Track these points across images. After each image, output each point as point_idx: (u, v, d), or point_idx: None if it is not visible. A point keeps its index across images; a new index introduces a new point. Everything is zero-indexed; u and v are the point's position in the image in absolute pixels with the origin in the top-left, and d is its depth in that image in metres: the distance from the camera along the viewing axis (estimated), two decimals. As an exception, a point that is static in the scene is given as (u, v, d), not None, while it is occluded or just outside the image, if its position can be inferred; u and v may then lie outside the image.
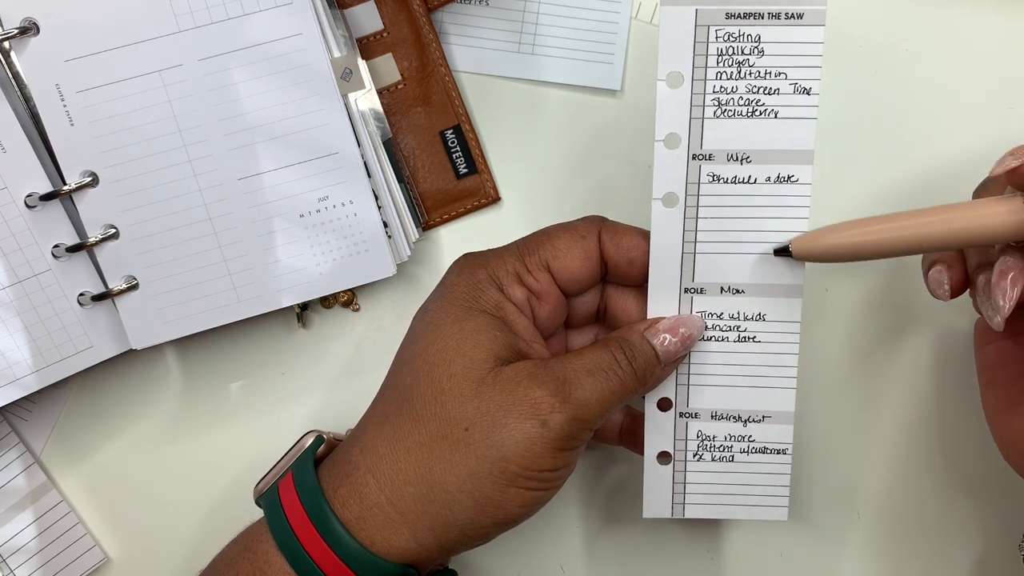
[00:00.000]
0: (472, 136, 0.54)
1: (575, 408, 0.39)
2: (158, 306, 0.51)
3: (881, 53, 0.52)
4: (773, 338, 0.44)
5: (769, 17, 0.40)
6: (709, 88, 0.41)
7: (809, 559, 0.53)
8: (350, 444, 0.42)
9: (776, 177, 0.42)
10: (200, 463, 0.54)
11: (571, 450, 0.40)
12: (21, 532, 0.53)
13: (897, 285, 0.52)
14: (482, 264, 0.43)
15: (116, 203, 0.50)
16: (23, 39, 0.48)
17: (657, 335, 0.42)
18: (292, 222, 0.51)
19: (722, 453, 0.45)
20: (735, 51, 0.41)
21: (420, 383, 0.41)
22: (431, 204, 0.54)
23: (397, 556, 0.40)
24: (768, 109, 0.41)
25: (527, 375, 0.40)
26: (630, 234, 0.44)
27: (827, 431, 0.52)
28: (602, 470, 0.53)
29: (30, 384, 0.50)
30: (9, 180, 0.49)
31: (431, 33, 0.53)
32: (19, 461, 0.53)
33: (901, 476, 0.52)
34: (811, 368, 0.52)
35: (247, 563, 0.41)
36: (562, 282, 0.43)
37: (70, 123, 0.49)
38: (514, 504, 0.40)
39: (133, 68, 0.49)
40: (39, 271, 0.50)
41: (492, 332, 0.41)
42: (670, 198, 0.42)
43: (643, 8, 0.53)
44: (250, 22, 0.49)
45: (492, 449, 0.39)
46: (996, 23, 0.52)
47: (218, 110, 0.49)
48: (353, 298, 0.53)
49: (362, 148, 0.51)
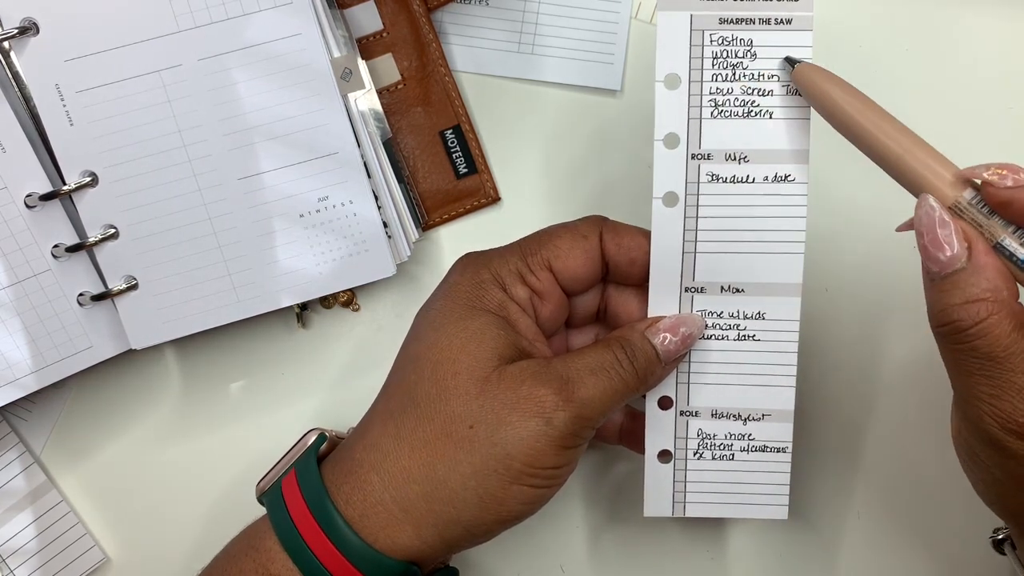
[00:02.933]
0: (472, 136, 0.54)
1: (578, 406, 0.40)
2: (158, 306, 0.51)
3: (881, 53, 0.53)
4: (773, 337, 0.44)
5: (760, 22, 0.41)
6: (706, 89, 0.42)
7: (808, 559, 0.53)
8: (353, 441, 0.42)
9: (774, 176, 0.42)
10: (200, 463, 0.54)
11: (574, 448, 0.41)
12: (21, 532, 0.53)
13: (897, 285, 0.52)
14: (485, 264, 0.43)
15: (116, 203, 0.50)
16: (23, 39, 0.48)
17: (658, 334, 0.43)
18: (292, 222, 0.51)
19: (722, 451, 0.45)
20: (729, 54, 0.42)
21: (424, 381, 0.41)
22: (431, 204, 0.54)
23: (400, 553, 0.40)
24: (763, 110, 0.42)
25: (531, 374, 0.40)
26: (631, 233, 0.44)
27: (826, 430, 0.53)
28: (603, 469, 0.53)
29: (30, 384, 0.50)
30: (9, 180, 0.49)
31: (431, 33, 0.53)
32: (19, 461, 0.53)
33: (901, 476, 0.52)
34: (810, 367, 0.52)
35: (250, 560, 0.41)
36: (564, 281, 0.44)
37: (70, 123, 0.49)
38: (517, 501, 0.40)
39: (133, 68, 0.49)
40: (39, 271, 0.50)
41: (496, 331, 0.41)
42: (670, 197, 0.43)
43: (643, 8, 0.53)
44: (250, 22, 0.49)
45: (496, 447, 0.39)
46: (996, 23, 0.52)
47: (218, 110, 0.49)
48: (353, 298, 0.53)
49: (362, 148, 0.51)
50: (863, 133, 0.38)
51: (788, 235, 0.42)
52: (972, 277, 0.35)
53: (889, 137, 0.38)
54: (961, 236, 0.36)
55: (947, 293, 0.36)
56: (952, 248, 0.36)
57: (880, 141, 0.38)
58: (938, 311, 0.36)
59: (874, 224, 0.52)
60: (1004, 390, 0.35)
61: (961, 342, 0.36)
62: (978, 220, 0.36)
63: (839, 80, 0.40)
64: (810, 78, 0.40)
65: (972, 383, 0.36)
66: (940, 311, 0.36)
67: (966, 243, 0.36)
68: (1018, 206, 0.35)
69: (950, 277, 0.36)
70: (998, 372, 0.35)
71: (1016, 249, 0.36)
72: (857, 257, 0.53)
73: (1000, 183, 0.35)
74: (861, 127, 0.38)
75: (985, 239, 0.36)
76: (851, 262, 0.53)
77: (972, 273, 0.35)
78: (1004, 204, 0.36)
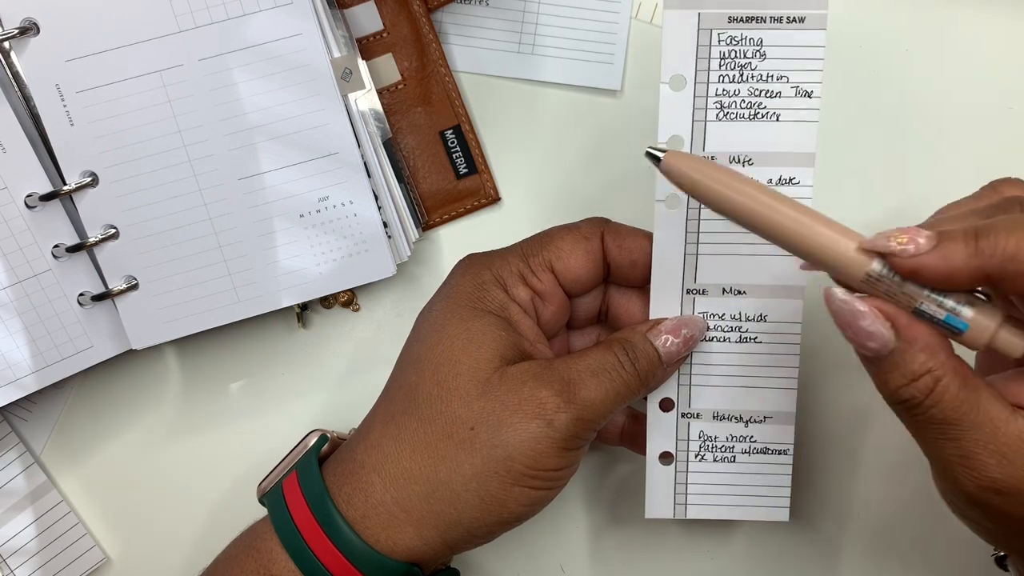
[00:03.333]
0: (472, 136, 0.54)
1: (580, 408, 0.40)
2: (158, 306, 0.51)
3: (881, 54, 0.53)
4: (774, 339, 0.44)
5: (771, 21, 0.41)
6: (712, 91, 0.41)
7: (808, 559, 0.53)
8: (355, 443, 0.42)
9: (778, 179, 0.42)
10: (200, 463, 0.54)
11: (575, 450, 0.41)
12: (21, 532, 0.53)
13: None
14: (486, 265, 0.43)
15: (116, 203, 0.50)
16: (23, 39, 0.48)
17: (659, 336, 0.43)
18: (292, 222, 0.51)
19: (724, 453, 0.45)
20: (737, 54, 0.41)
21: (426, 382, 0.41)
22: (431, 204, 0.54)
23: (402, 554, 0.40)
24: (770, 112, 0.42)
25: (532, 375, 0.40)
26: (633, 235, 0.44)
27: (827, 431, 0.53)
28: (604, 470, 0.53)
29: (30, 384, 0.50)
30: (9, 180, 0.49)
31: (431, 33, 0.53)
32: (19, 461, 0.53)
33: (901, 478, 0.52)
34: (812, 369, 0.52)
35: (251, 561, 0.41)
36: (565, 283, 0.44)
37: (70, 123, 0.49)
38: (518, 503, 0.40)
39: (133, 68, 0.49)
40: (39, 271, 0.50)
41: (497, 332, 0.41)
42: (673, 200, 0.43)
43: (643, 8, 0.53)
44: (250, 22, 0.49)
45: (497, 448, 0.39)
46: (996, 23, 0.52)
47: (218, 110, 0.49)
48: (353, 298, 0.53)
49: (362, 148, 0.51)
50: (756, 216, 0.36)
51: None
52: (907, 355, 0.35)
53: (786, 216, 0.36)
54: (882, 318, 0.35)
55: (889, 374, 0.35)
56: (878, 335, 0.35)
57: (777, 222, 0.36)
58: (888, 393, 0.36)
59: (875, 227, 0.52)
60: (969, 449, 0.35)
61: (918, 415, 0.35)
62: (891, 290, 0.35)
63: (716, 165, 0.37)
64: (681, 167, 0.37)
65: (939, 448, 0.35)
66: (889, 393, 0.36)
67: (888, 322, 0.35)
68: (928, 271, 0.34)
69: (887, 358, 0.35)
70: (959, 433, 0.35)
71: (935, 311, 0.35)
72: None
73: (903, 253, 0.34)
74: (753, 210, 0.36)
75: (904, 310, 0.35)
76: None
77: (905, 351, 0.35)
78: (914, 272, 0.34)
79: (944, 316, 0.35)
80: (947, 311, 0.35)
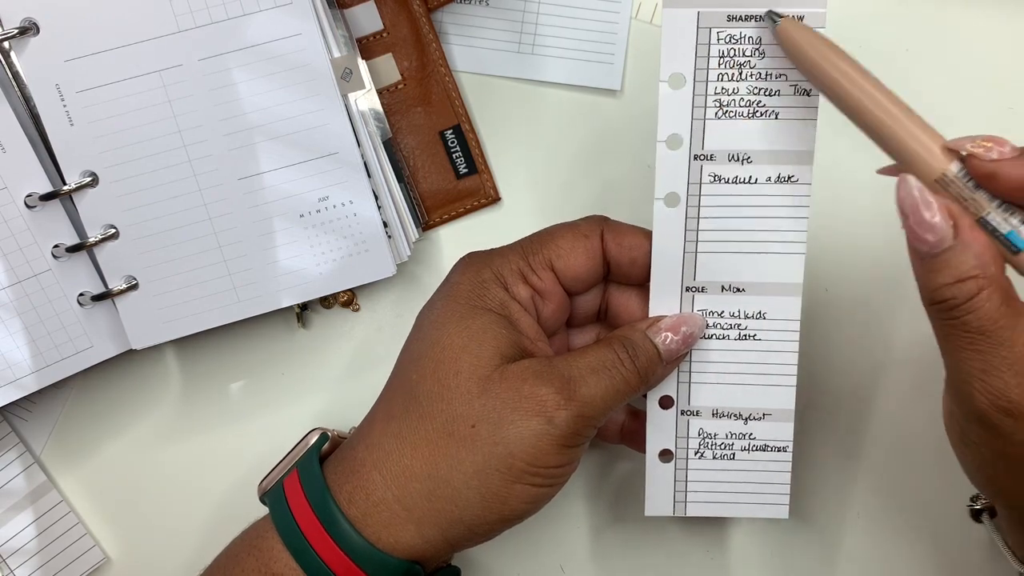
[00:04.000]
0: (472, 136, 0.54)
1: (580, 405, 0.40)
2: (158, 306, 0.51)
3: (881, 53, 0.52)
4: (773, 336, 0.44)
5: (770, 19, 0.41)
6: (711, 89, 0.41)
7: (808, 559, 0.53)
8: (355, 441, 0.42)
9: (777, 177, 0.42)
10: (200, 463, 0.54)
11: (576, 447, 0.41)
12: (21, 532, 0.53)
13: (897, 285, 0.52)
14: (487, 263, 0.43)
15: (116, 203, 0.50)
16: (23, 39, 0.48)
17: (659, 333, 0.43)
18: (292, 222, 0.51)
19: (723, 451, 0.45)
20: (736, 53, 0.41)
21: (426, 380, 0.41)
22: (431, 204, 0.54)
23: (403, 552, 0.40)
24: (769, 110, 0.42)
25: (533, 373, 0.40)
26: (632, 233, 0.44)
27: (827, 429, 0.53)
28: (604, 468, 0.53)
29: (30, 384, 0.50)
30: (9, 180, 0.49)
31: (431, 33, 0.53)
32: (19, 461, 0.53)
33: (901, 476, 0.52)
34: (811, 366, 0.52)
35: (252, 559, 0.41)
36: (566, 281, 0.44)
37: (70, 123, 0.49)
38: (519, 500, 0.40)
39: (133, 68, 0.49)
40: (39, 271, 0.50)
41: (497, 330, 0.41)
42: (672, 198, 0.43)
43: (643, 8, 0.54)
44: (250, 22, 0.49)
45: (498, 446, 0.39)
46: (996, 23, 0.52)
47: (218, 110, 0.49)
48: (353, 298, 0.53)
49: (362, 148, 0.51)
50: (849, 99, 0.37)
51: (789, 235, 0.42)
52: (960, 255, 0.35)
53: (877, 104, 0.37)
54: (946, 214, 0.36)
55: (937, 272, 0.36)
56: (938, 229, 0.35)
57: (867, 108, 0.37)
58: (930, 291, 0.36)
59: (875, 224, 0.52)
60: (994, 365, 0.35)
61: (953, 318, 0.36)
62: (962, 194, 0.36)
63: (826, 40, 0.38)
64: (795, 36, 0.39)
65: (963, 359, 0.36)
66: (932, 290, 0.36)
67: (951, 220, 0.36)
68: (1002, 179, 0.35)
69: (939, 256, 0.36)
70: (988, 347, 0.35)
71: (999, 223, 0.36)
72: (857, 257, 0.53)
73: (985, 156, 0.35)
74: (848, 92, 0.37)
75: (970, 215, 0.36)
76: (851, 262, 0.53)
77: (960, 251, 0.35)
78: (988, 177, 0.35)
79: (1007, 231, 0.36)
80: (1011, 227, 0.36)
